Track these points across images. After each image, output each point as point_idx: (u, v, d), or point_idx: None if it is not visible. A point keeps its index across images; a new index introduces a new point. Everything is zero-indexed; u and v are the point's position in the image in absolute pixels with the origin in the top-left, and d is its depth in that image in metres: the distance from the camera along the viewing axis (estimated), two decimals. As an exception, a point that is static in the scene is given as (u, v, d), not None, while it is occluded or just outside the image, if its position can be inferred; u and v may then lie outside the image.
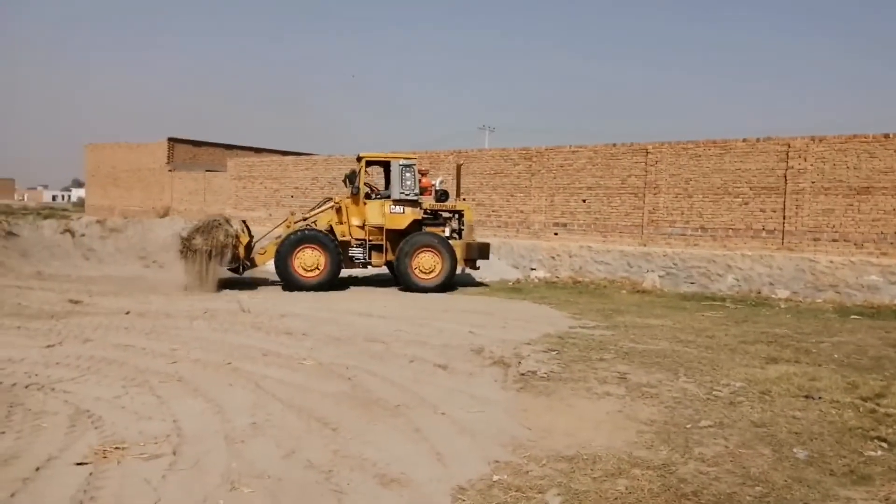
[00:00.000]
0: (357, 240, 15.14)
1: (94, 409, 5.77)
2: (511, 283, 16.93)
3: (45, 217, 24.62)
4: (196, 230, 14.32)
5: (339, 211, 15.29)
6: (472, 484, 4.47)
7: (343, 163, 23.96)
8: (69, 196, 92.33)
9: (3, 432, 5.11)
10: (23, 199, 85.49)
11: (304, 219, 15.59)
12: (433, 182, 16.10)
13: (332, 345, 8.62)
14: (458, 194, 16.90)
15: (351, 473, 4.62)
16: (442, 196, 15.76)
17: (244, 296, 12.82)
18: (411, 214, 15.05)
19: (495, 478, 4.57)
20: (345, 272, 15.28)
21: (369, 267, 15.52)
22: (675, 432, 5.55)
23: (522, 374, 7.30)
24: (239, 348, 8.25)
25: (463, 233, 15.82)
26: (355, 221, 15.18)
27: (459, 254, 15.12)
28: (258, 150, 39.08)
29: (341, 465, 4.74)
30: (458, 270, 15.47)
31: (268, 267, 15.15)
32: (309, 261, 14.30)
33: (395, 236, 15.01)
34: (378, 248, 15.16)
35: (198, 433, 5.27)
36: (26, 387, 6.32)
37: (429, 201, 15.66)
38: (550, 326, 10.31)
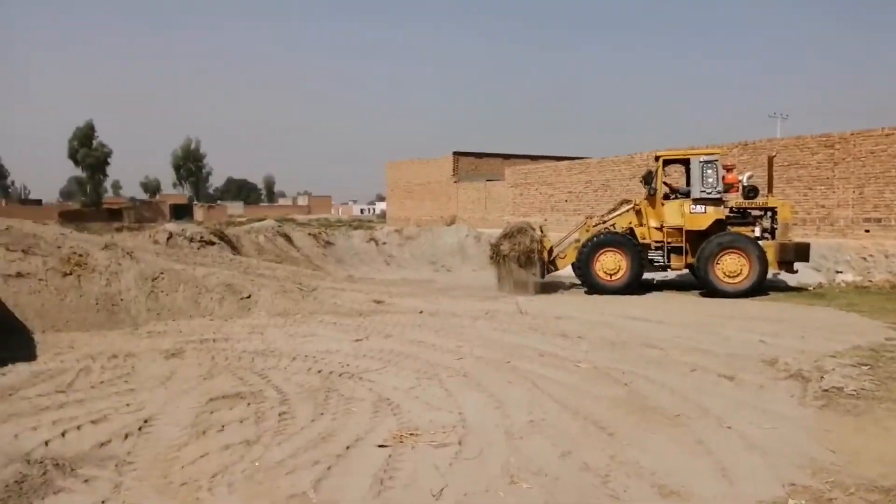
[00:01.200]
0: (656, 242, 14.61)
1: (393, 397, 6.45)
2: (811, 288, 15.07)
3: (355, 228, 28.25)
4: (504, 236, 15.15)
5: (638, 213, 14.93)
6: (764, 506, 4.09)
7: (616, 164, 23.60)
8: (374, 209, 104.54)
9: (323, 413, 5.97)
10: (337, 213, 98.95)
11: (603, 222, 15.39)
12: (740, 178, 14.74)
13: (607, 349, 8.53)
14: (769, 189, 15.10)
15: (628, 480, 4.53)
16: (750, 192, 14.38)
17: (521, 298, 13.28)
18: (714, 214, 14.06)
19: (791, 502, 4.13)
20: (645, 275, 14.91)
21: (668, 270, 14.96)
22: None
23: (825, 391, 6.47)
24: (517, 348, 8.58)
25: (776, 232, 14.34)
26: (653, 223, 14.70)
27: (771, 255, 13.79)
28: (535, 158, 40.26)
29: (618, 471, 4.67)
30: (770, 274, 14.12)
31: (563, 271, 15.46)
32: (610, 264, 14.17)
33: (697, 237, 14.15)
34: (678, 251, 14.45)
35: (480, 426, 5.60)
36: (340, 375, 7.29)
37: (735, 199, 14.49)
38: (860, 337, 8.98)
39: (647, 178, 15.08)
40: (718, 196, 14.09)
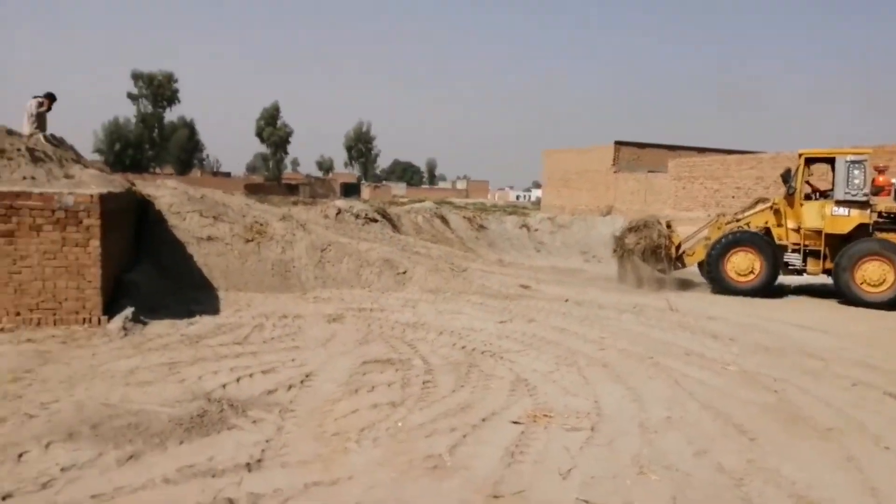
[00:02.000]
0: (793, 244, 13.77)
1: (531, 379, 6.65)
2: None
3: (509, 214, 28.59)
4: (629, 229, 14.82)
5: (776, 212, 14.09)
6: (914, 531, 3.84)
7: (791, 160, 21.94)
8: (529, 196, 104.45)
9: (463, 386, 6.30)
10: (493, 198, 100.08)
11: (737, 220, 14.63)
12: (893, 180, 13.54)
13: (759, 354, 8.13)
14: None
15: (764, 486, 4.42)
16: None
17: (673, 295, 12.89)
18: (857, 217, 13.02)
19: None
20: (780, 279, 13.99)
21: (804, 275, 13.99)
22: None
23: None
24: (662, 344, 8.42)
25: None
26: (791, 224, 13.84)
27: None
28: (701, 150, 38.26)
29: (754, 476, 4.56)
30: None
31: (691, 268, 14.84)
32: (742, 264, 13.50)
33: (837, 242, 13.21)
34: (815, 255, 13.53)
35: (615, 416, 5.66)
36: (482, 353, 7.60)
37: (886, 203, 13.30)
38: None
39: (786, 177, 14.13)
40: (865, 199, 13.03)
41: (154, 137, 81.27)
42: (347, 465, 4.48)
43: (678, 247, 14.60)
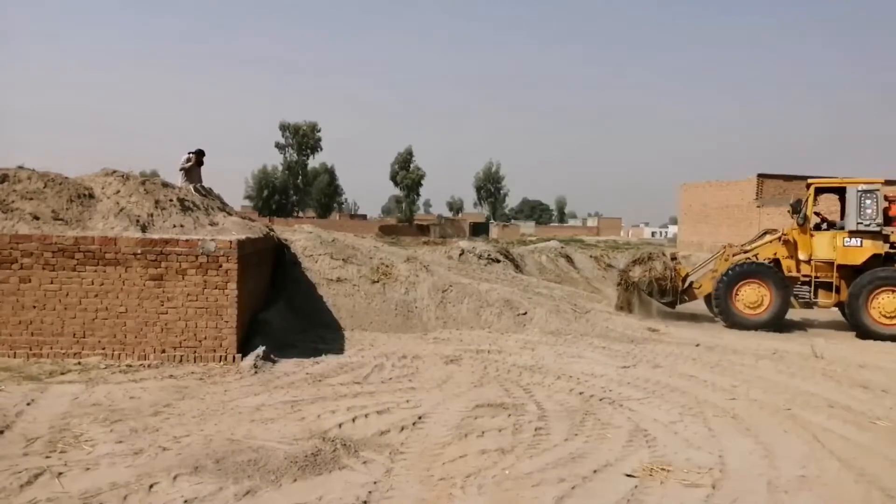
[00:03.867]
0: (803, 276, 13.41)
1: (651, 429, 6.32)
2: None
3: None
4: (634, 262, 14.77)
5: (785, 243, 13.67)
6: None
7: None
8: (665, 233, 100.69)
9: (577, 434, 6.11)
10: (626, 236, 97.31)
11: (745, 252, 14.23)
12: None
13: (919, 408, 7.26)
14: None
15: (914, 563, 3.90)
16: None
17: (819, 339, 11.84)
18: (871, 248, 12.72)
19: None
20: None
21: (814, 308, 13.64)
22: None
23: None
24: (802, 395, 7.74)
25: None
26: (801, 255, 13.43)
27: None
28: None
29: (903, 550, 4.05)
30: None
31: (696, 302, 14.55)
32: (751, 297, 13.16)
33: (850, 273, 12.86)
34: (827, 287, 13.19)
35: (741, 472, 5.25)
36: (600, 399, 7.34)
37: None
38: None
39: (796, 207, 13.66)
40: (878, 229, 12.89)
41: (298, 184, 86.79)
42: (450, 511, 4.46)
43: (685, 279, 14.44)
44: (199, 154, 13.38)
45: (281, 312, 10.75)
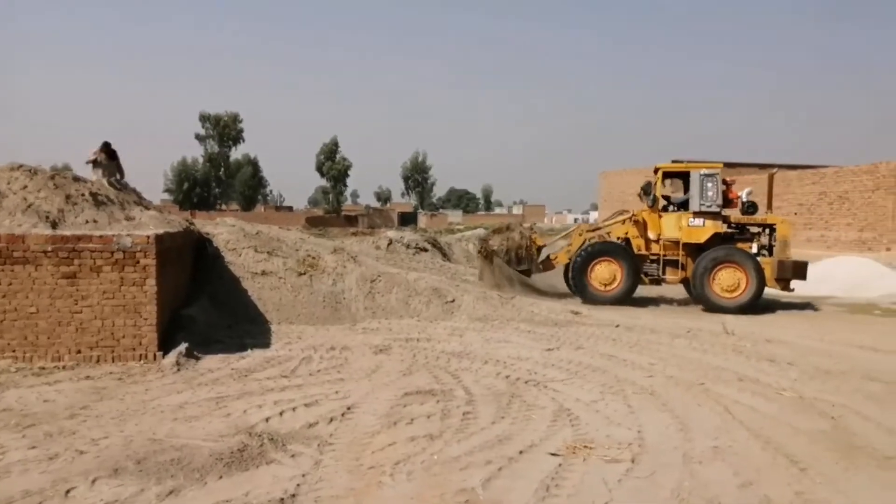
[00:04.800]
0: (652, 255, 14.58)
1: (574, 408, 6.54)
2: None
3: (564, 237, 28.30)
4: (494, 231, 15.86)
5: (636, 223, 14.78)
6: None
7: (856, 174, 21.11)
8: (588, 219, 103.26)
9: (503, 417, 6.25)
10: (550, 222, 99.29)
11: (596, 229, 15.47)
12: (740, 194, 14.40)
13: (819, 378, 7.78)
14: (769, 206, 15.09)
15: (812, 520, 4.21)
16: (749, 208, 14.37)
17: (730, 317, 12.47)
18: (712, 227, 14.02)
19: None
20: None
21: (662, 284, 14.80)
22: None
23: None
24: (714, 370, 8.16)
25: (774, 249, 14.18)
26: (651, 235, 14.61)
27: (768, 273, 13.72)
28: (763, 166, 37.08)
29: (802, 509, 4.35)
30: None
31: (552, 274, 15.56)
32: (605, 274, 14.19)
33: (694, 251, 14.11)
34: (674, 264, 14.42)
35: (658, 446, 5.50)
36: (526, 382, 7.52)
37: (735, 214, 14.34)
38: None
39: (647, 190, 14.93)
40: (718, 210, 14.05)
41: (220, 176, 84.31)
42: (380, 499, 4.50)
43: (539, 248, 15.40)
44: (105, 146, 12.79)
45: (204, 308, 10.47)
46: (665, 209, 14.80)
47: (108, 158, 12.63)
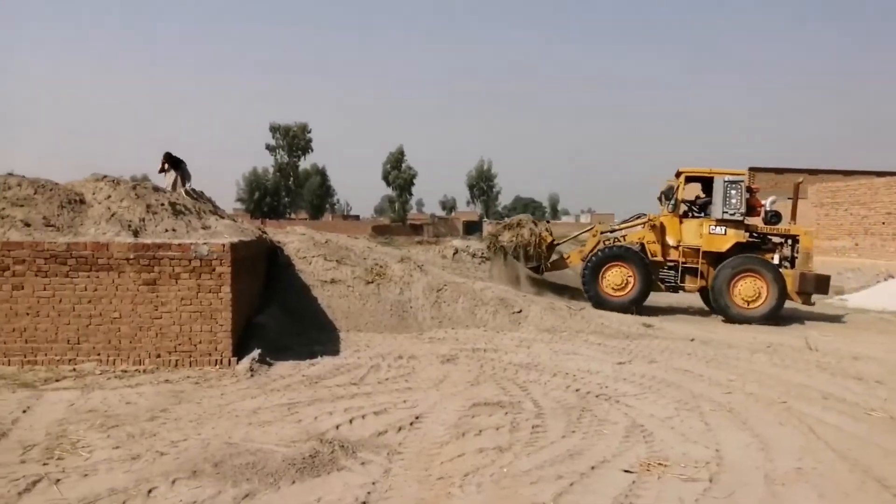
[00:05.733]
0: (669, 261, 14.03)
1: (648, 424, 6.35)
2: None
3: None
4: (504, 227, 15.55)
5: (653, 228, 14.20)
6: None
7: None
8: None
9: (574, 431, 6.12)
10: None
11: (612, 230, 15.03)
12: (763, 202, 13.74)
13: (913, 398, 7.32)
14: (793, 217, 14.17)
15: (910, 552, 3.94)
16: (772, 218, 13.89)
17: (813, 332, 11.92)
18: (734, 236, 13.49)
19: None
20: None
21: (680, 292, 14.26)
22: None
23: None
24: (797, 387, 7.79)
25: (797, 261, 13.72)
26: (670, 241, 14.06)
27: (790, 285, 13.20)
28: (847, 173, 35.41)
29: (898, 539, 4.08)
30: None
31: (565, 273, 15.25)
32: (617, 279, 13.78)
33: (714, 260, 13.54)
34: (693, 272, 13.83)
35: (737, 465, 5.28)
36: (597, 396, 7.37)
37: (757, 223, 13.82)
38: None
39: (668, 194, 14.31)
40: (741, 218, 13.68)
41: (290, 185, 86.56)
42: (449, 510, 4.47)
43: (549, 246, 15.05)
44: (167, 156, 13.33)
45: (275, 315, 10.72)
46: (686, 215, 14.40)
47: (174, 167, 13.16)
